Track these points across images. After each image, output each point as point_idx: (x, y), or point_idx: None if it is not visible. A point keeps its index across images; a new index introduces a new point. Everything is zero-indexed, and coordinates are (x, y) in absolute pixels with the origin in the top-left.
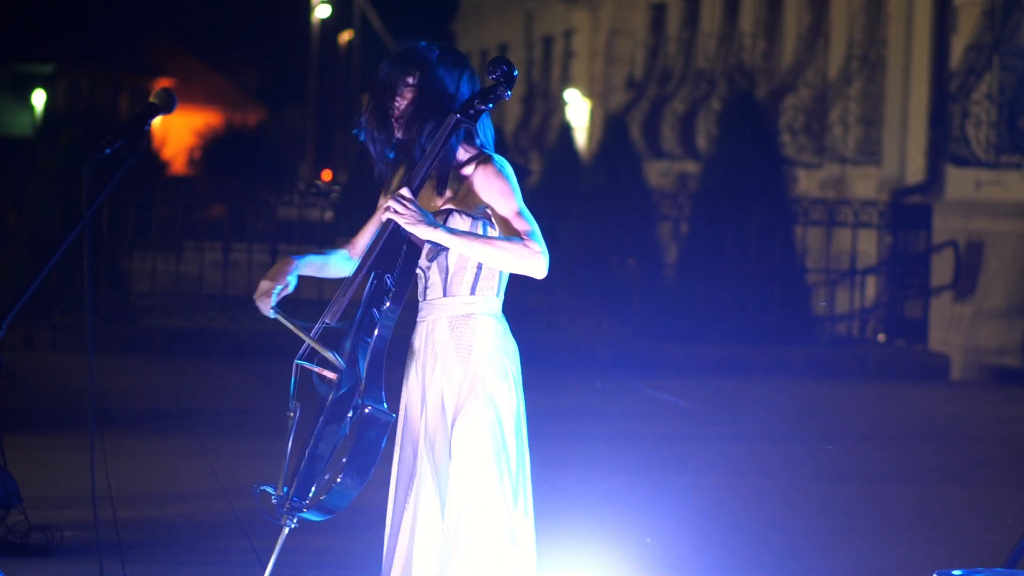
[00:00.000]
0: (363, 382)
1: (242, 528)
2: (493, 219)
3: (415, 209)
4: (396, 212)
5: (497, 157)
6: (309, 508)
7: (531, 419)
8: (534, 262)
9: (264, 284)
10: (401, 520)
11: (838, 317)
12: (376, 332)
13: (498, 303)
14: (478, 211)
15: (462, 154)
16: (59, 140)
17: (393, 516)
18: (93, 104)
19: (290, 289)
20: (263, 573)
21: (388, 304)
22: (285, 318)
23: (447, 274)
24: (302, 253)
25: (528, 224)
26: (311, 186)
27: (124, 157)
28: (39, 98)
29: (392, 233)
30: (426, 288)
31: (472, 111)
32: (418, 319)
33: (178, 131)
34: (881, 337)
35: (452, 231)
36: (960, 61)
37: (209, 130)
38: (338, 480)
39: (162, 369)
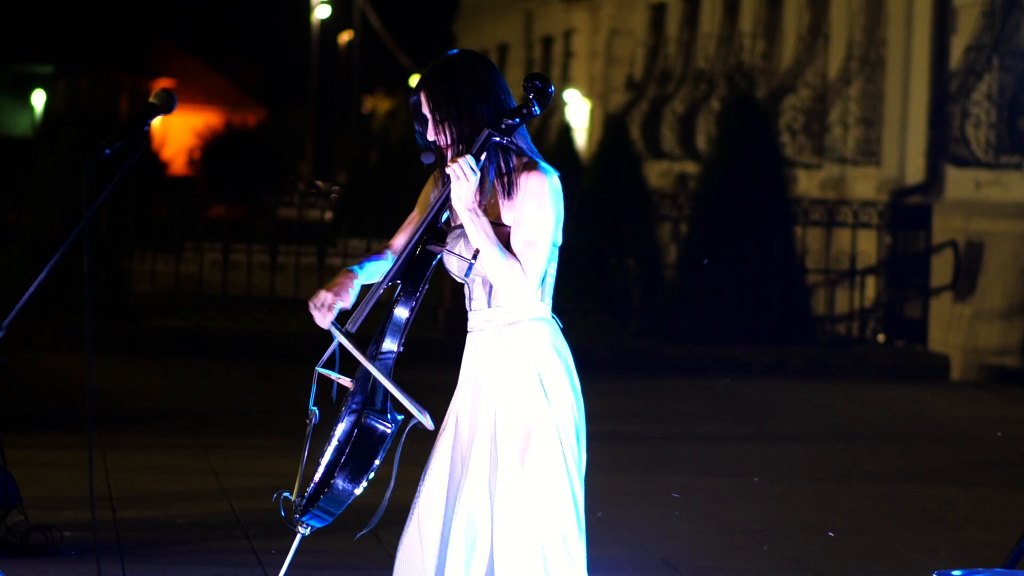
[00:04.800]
0: (374, 392)
1: (242, 528)
2: (512, 229)
3: (471, 182)
4: (456, 173)
5: (549, 174)
6: (308, 513)
7: None
8: (518, 288)
9: (327, 297)
10: (451, 529)
11: (838, 317)
12: (399, 339)
13: (545, 307)
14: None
15: (511, 163)
16: (59, 140)
17: (428, 522)
18: (93, 104)
19: (348, 306)
20: (264, 573)
21: (410, 314)
22: (344, 334)
23: (490, 286)
24: (359, 262)
25: (537, 265)
26: (311, 186)
27: (124, 157)
28: (39, 98)
29: (423, 248)
30: (471, 299)
31: (503, 126)
32: (467, 329)
33: (178, 131)
34: (881, 337)
35: (478, 222)
36: (960, 61)
37: (209, 130)
38: (331, 484)
39: (162, 369)
